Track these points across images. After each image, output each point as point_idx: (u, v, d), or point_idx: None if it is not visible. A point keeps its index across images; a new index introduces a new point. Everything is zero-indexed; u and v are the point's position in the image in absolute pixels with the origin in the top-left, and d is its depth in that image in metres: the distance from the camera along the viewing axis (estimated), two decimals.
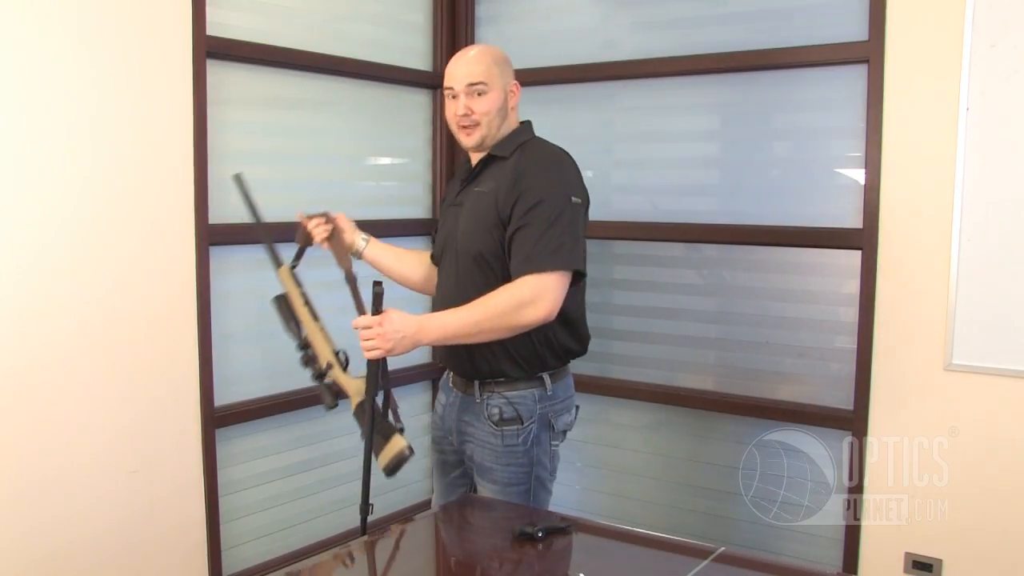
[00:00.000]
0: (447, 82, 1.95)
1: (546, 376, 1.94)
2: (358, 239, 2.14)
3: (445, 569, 1.63)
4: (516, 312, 1.77)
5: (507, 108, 1.94)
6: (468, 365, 1.95)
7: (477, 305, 1.80)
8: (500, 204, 1.86)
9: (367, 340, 1.79)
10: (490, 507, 1.95)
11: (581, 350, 2.03)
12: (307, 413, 2.77)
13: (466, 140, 1.95)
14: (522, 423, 1.92)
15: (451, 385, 2.06)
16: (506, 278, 1.84)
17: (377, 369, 1.87)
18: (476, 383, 1.96)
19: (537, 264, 1.77)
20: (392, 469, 1.88)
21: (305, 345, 2.00)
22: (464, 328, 1.80)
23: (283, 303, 2.03)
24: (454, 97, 1.93)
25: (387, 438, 1.89)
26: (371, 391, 1.88)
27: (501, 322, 1.78)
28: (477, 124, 1.91)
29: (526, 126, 2.02)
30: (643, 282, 2.92)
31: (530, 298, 1.77)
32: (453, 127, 1.98)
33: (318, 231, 2.08)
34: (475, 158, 2.02)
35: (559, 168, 1.89)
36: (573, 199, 1.84)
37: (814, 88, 2.57)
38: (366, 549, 1.70)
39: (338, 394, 1.96)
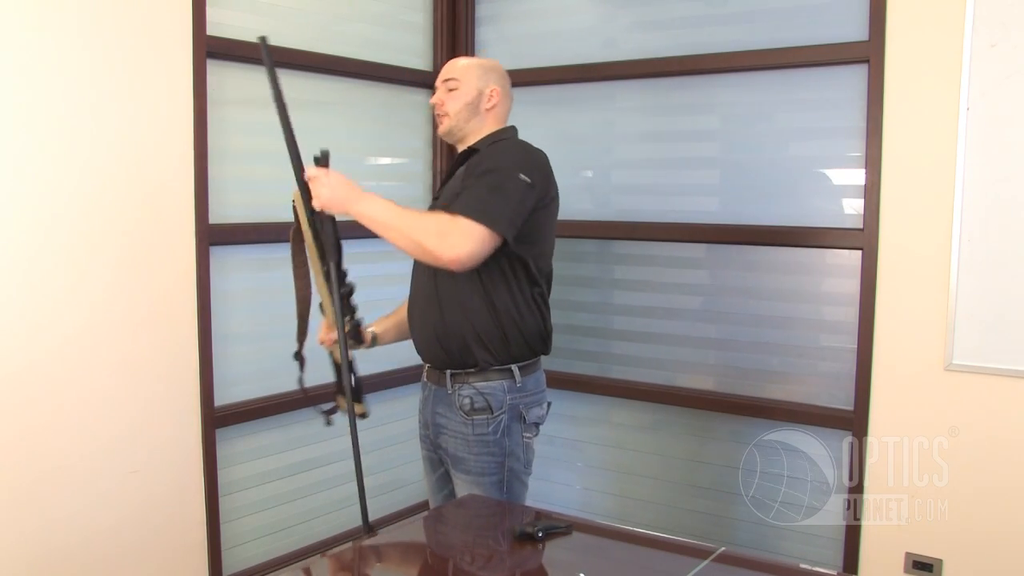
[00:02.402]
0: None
1: (515, 368, 2.00)
2: (368, 334, 2.17)
3: (444, 569, 1.63)
4: (432, 236, 1.81)
5: (479, 107, 2.07)
6: (439, 352, 2.02)
7: (408, 213, 1.86)
8: (465, 182, 1.94)
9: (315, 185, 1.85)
10: (489, 507, 1.95)
11: (545, 338, 2.07)
12: (307, 413, 2.76)
13: (438, 128, 2.12)
14: (492, 412, 1.99)
15: (426, 379, 2.13)
16: (488, 277, 1.94)
17: (332, 226, 1.91)
18: (448, 374, 2.02)
19: (466, 210, 1.83)
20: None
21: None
22: (387, 220, 1.85)
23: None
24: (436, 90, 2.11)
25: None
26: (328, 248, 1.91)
27: (417, 235, 1.82)
28: (446, 115, 2.07)
29: (509, 129, 2.13)
30: (643, 282, 2.92)
31: (449, 231, 1.81)
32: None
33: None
34: (458, 152, 2.13)
35: (518, 153, 1.99)
36: (522, 176, 1.90)
37: (814, 88, 2.57)
38: (365, 549, 1.70)
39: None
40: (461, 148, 2.10)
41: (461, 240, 1.81)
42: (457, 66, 2.09)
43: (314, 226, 1.91)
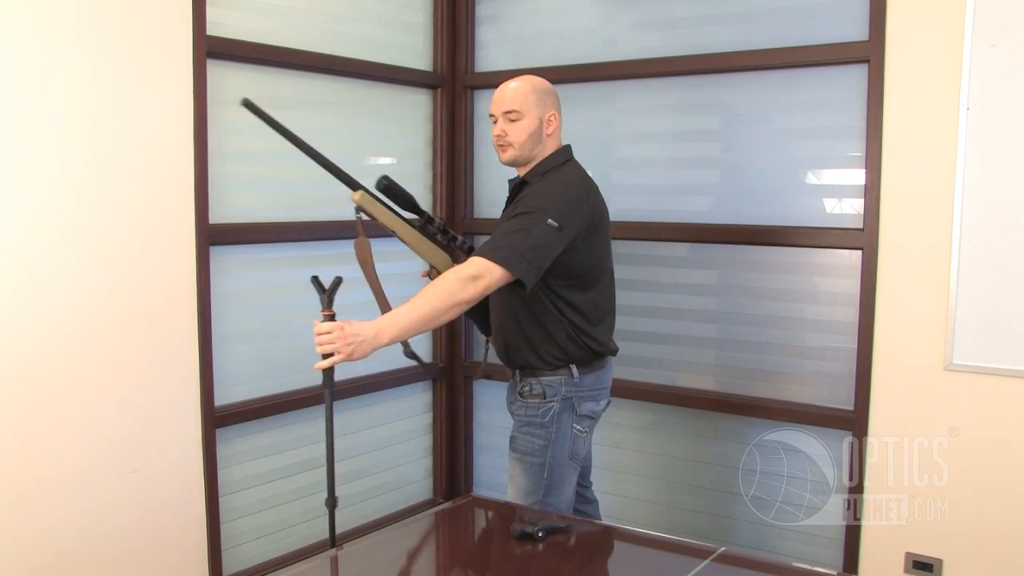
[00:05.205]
0: (490, 109, 2.17)
1: (573, 367, 2.14)
2: None
3: (445, 569, 1.63)
4: (463, 287, 1.92)
5: (542, 134, 2.14)
6: (506, 358, 2.22)
7: (427, 292, 1.93)
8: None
9: (328, 344, 1.81)
10: (490, 507, 1.95)
11: (606, 348, 2.19)
12: (307, 413, 2.77)
13: (501, 157, 2.17)
14: (545, 398, 2.14)
15: (507, 375, 2.30)
16: (532, 296, 2.05)
17: (331, 377, 1.94)
18: (517, 371, 2.21)
19: (488, 252, 1.96)
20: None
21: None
22: (420, 319, 1.91)
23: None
24: (495, 122, 2.15)
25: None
26: (329, 400, 1.99)
27: (452, 300, 1.92)
28: (511, 145, 2.13)
29: (563, 151, 2.19)
30: (643, 282, 2.92)
31: (472, 274, 1.93)
32: (495, 146, 2.19)
33: None
34: (520, 174, 2.20)
35: (556, 194, 2.07)
36: (549, 221, 1.99)
37: (814, 88, 2.57)
38: (366, 549, 1.70)
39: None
40: (520, 174, 2.18)
41: (481, 277, 1.92)
42: (517, 95, 2.11)
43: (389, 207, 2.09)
